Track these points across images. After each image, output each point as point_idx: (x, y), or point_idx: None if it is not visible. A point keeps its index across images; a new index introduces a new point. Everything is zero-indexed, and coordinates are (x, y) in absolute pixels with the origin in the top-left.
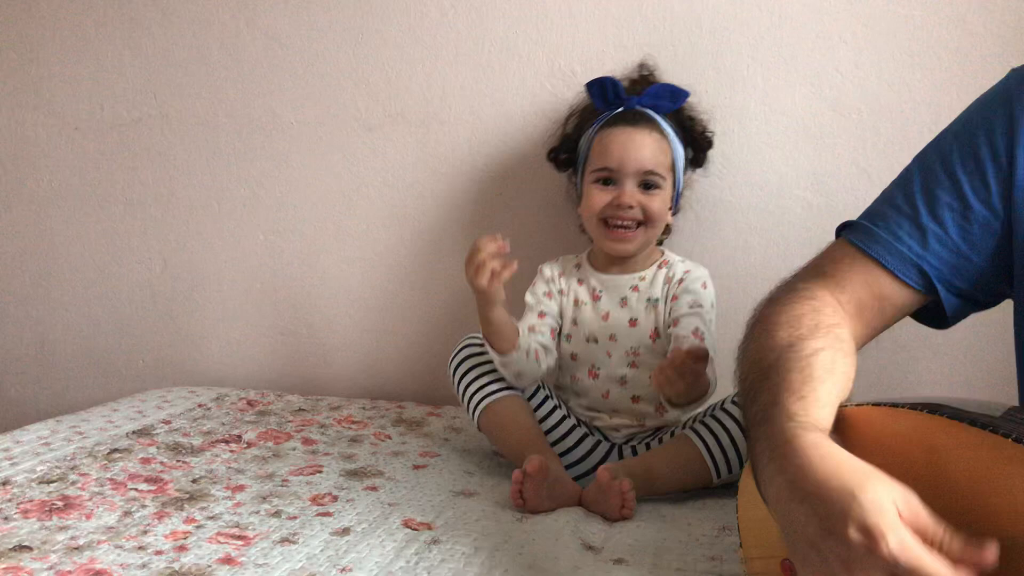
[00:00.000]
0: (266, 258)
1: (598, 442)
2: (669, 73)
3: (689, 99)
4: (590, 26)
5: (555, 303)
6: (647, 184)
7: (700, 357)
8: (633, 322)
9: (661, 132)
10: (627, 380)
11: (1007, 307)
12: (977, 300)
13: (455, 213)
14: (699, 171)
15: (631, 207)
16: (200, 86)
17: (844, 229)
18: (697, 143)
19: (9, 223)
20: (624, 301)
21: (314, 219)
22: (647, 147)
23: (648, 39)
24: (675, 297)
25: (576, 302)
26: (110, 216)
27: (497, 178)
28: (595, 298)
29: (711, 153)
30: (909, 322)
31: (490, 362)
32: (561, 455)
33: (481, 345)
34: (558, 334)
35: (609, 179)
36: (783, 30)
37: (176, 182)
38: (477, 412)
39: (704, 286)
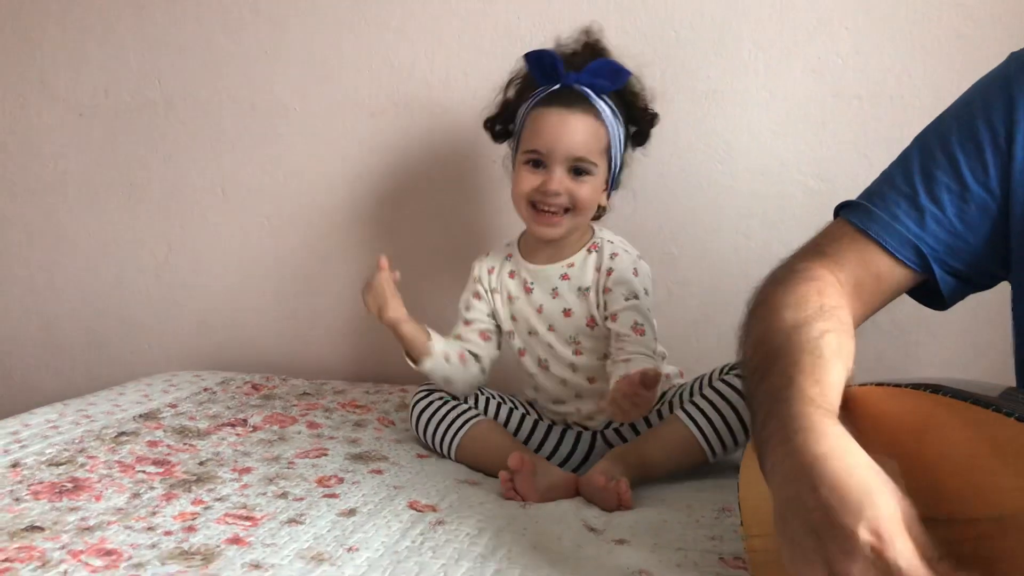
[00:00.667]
0: (270, 243)
1: (579, 434)
2: (671, 59)
3: (633, 75)
4: (593, 12)
5: (485, 303)
6: (577, 170)
7: (652, 383)
8: (567, 312)
9: (596, 115)
10: (576, 366)
11: (1005, 291)
12: (973, 281)
13: (459, 198)
14: (641, 150)
15: (558, 194)
16: (204, 72)
17: (843, 209)
18: (637, 121)
19: (14, 209)
20: (555, 291)
21: (318, 204)
22: (579, 132)
23: (650, 25)
24: (607, 289)
25: (510, 298)
26: (115, 201)
27: (499, 163)
28: (527, 291)
29: (713, 139)
30: (908, 305)
31: (446, 403)
32: (548, 458)
33: (429, 392)
34: (498, 333)
35: (539, 161)
36: (784, 16)
37: (180, 167)
38: (452, 451)
39: (635, 273)
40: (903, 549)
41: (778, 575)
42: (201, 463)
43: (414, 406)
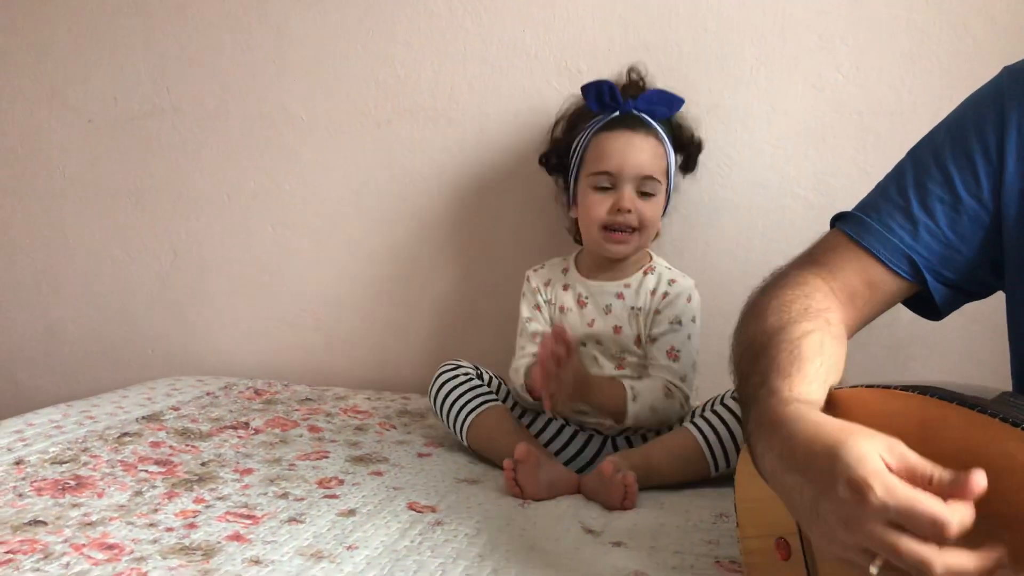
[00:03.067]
0: (275, 250)
1: (590, 436)
2: (674, 73)
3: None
4: (596, 25)
5: (545, 313)
6: (643, 191)
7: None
8: (617, 329)
9: (658, 137)
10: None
11: (1001, 304)
12: (966, 290)
13: (462, 209)
14: (688, 175)
15: (629, 211)
16: (212, 80)
17: (838, 220)
18: (687, 149)
19: (22, 214)
20: (608, 308)
21: (323, 212)
22: (645, 152)
23: (654, 39)
24: (657, 311)
25: (562, 309)
26: (121, 207)
27: (504, 174)
28: (581, 304)
29: (714, 153)
30: (905, 320)
31: (467, 381)
32: (555, 454)
33: (454, 368)
34: None
35: (608, 184)
36: (786, 32)
37: (187, 175)
38: (464, 430)
39: (688, 300)
40: (884, 485)
41: None
42: (203, 463)
43: (437, 377)
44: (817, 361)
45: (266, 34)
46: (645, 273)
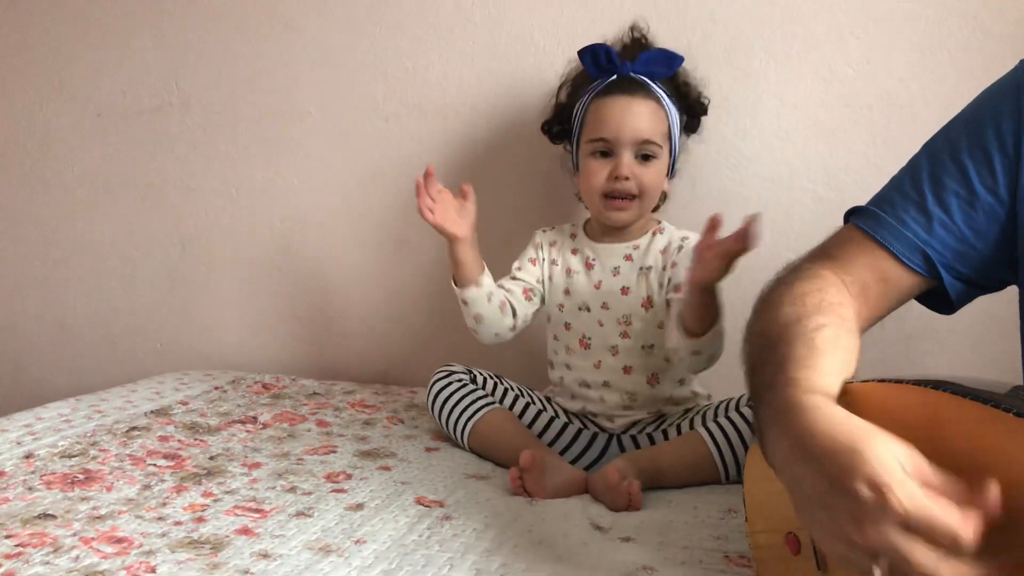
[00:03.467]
0: (283, 245)
1: (595, 435)
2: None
3: (683, 64)
4: (604, 18)
5: (538, 269)
6: (644, 155)
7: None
8: (625, 290)
9: (657, 100)
10: (619, 350)
11: (1014, 301)
12: (980, 285)
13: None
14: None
15: (627, 179)
16: (221, 75)
17: (852, 214)
18: (692, 109)
19: (31, 207)
20: (617, 270)
21: (330, 207)
22: (644, 116)
23: (662, 32)
24: (675, 264)
25: (569, 271)
26: (130, 201)
27: (512, 168)
28: (588, 267)
29: (723, 146)
30: (917, 314)
31: (461, 388)
32: (560, 453)
33: (447, 376)
34: (539, 301)
35: (606, 150)
36: (796, 26)
37: (195, 169)
38: (465, 435)
39: None
40: (906, 492)
41: (782, 571)
42: (211, 458)
43: (432, 386)
44: (832, 355)
45: (275, 28)
46: (654, 234)
